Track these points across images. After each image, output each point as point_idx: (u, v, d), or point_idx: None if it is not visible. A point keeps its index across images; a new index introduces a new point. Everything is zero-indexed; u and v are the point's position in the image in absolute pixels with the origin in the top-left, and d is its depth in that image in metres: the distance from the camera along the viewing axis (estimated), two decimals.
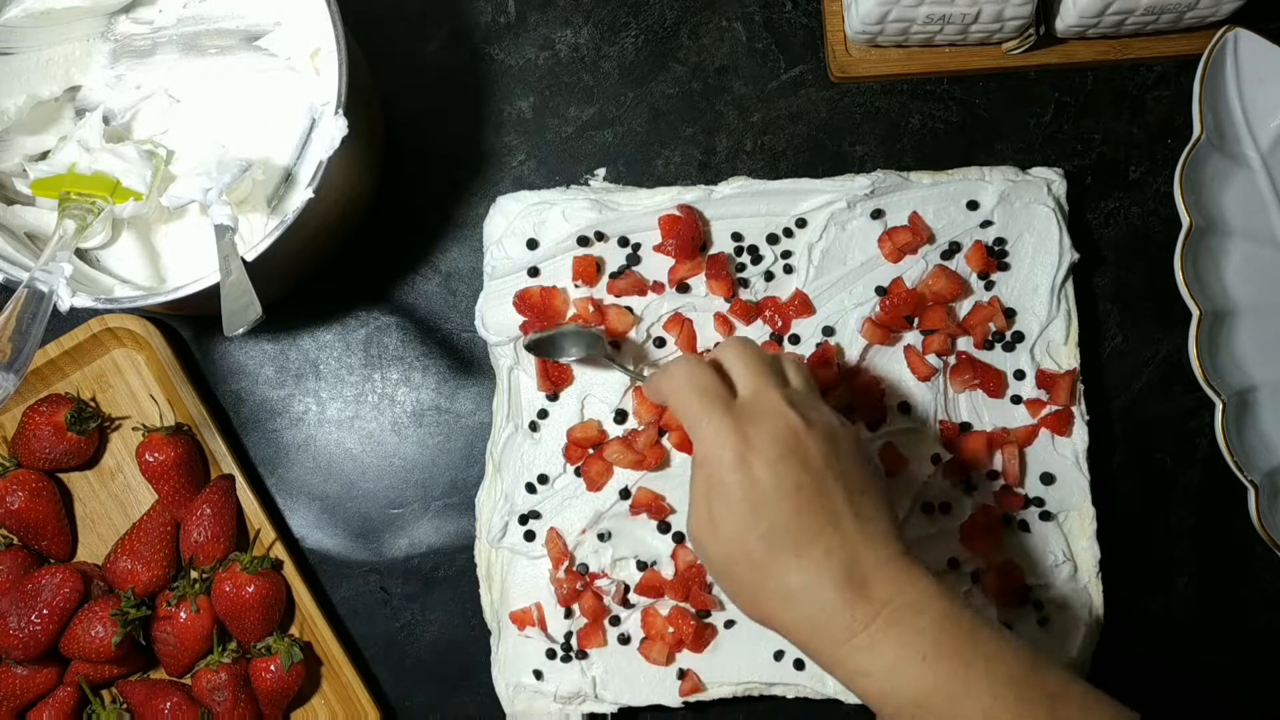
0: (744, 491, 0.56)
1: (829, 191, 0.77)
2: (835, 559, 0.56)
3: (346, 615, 0.81)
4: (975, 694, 0.53)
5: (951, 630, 0.55)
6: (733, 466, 0.56)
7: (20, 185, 0.75)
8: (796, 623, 0.57)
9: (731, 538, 0.57)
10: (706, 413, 0.58)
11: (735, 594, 0.59)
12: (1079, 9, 0.76)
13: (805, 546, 0.56)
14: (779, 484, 0.56)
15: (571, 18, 0.84)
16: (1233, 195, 0.79)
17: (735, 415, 0.58)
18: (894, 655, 0.54)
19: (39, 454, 0.78)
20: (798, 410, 0.58)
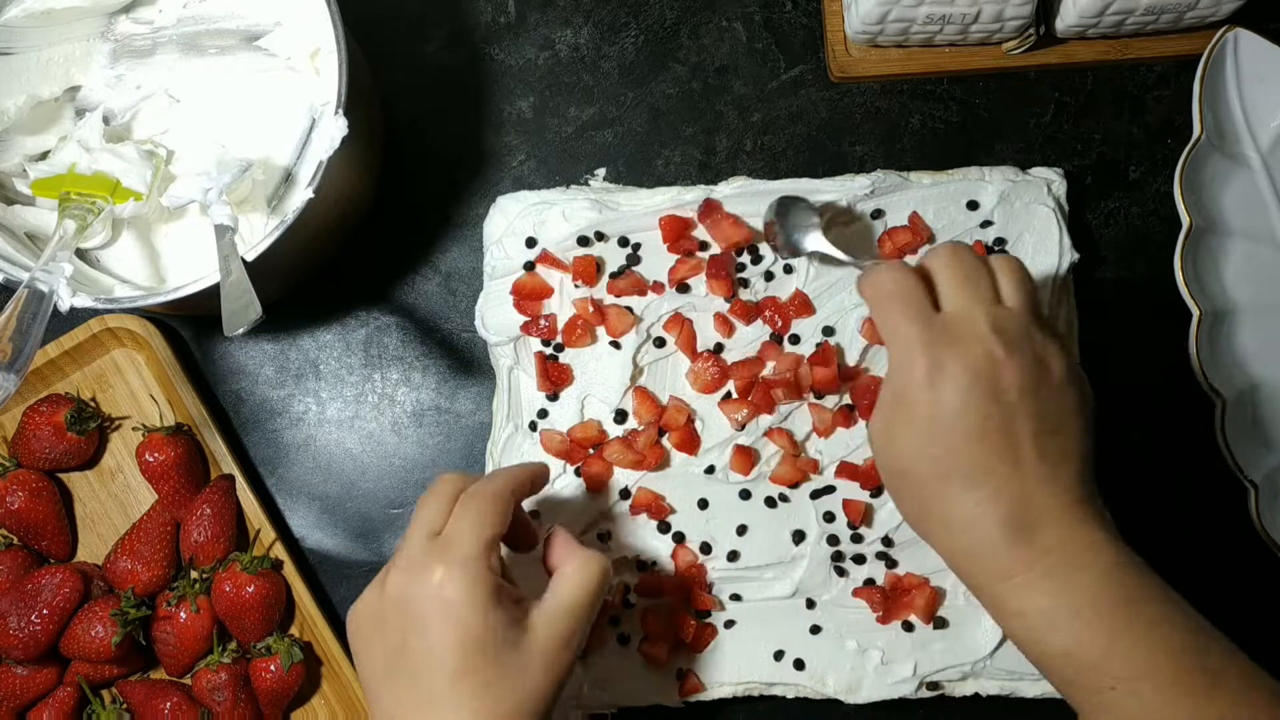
0: (926, 411, 0.55)
1: (829, 191, 0.77)
2: (1004, 497, 0.54)
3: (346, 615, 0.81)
4: (1129, 658, 0.52)
5: (1115, 588, 0.53)
6: (921, 384, 0.55)
7: (20, 185, 0.75)
8: (953, 552, 0.56)
9: (904, 453, 0.56)
10: (905, 323, 0.56)
11: (900, 507, 0.58)
12: (1079, 9, 0.76)
13: (976, 479, 0.54)
14: (963, 411, 0.54)
15: (571, 18, 0.84)
16: (1233, 195, 0.79)
17: (934, 331, 0.56)
18: (1049, 604, 0.53)
19: (39, 454, 0.78)
20: (1001, 336, 0.55)
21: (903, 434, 0.56)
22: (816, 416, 0.75)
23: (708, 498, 0.75)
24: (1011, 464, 0.55)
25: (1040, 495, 0.55)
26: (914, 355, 0.55)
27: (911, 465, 0.56)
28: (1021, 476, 0.55)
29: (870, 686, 0.73)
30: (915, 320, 0.56)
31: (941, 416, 0.55)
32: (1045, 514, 0.55)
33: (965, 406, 0.55)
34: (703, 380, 0.76)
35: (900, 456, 0.57)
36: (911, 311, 0.57)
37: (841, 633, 0.74)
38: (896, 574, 0.74)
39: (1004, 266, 0.59)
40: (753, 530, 0.75)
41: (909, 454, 0.56)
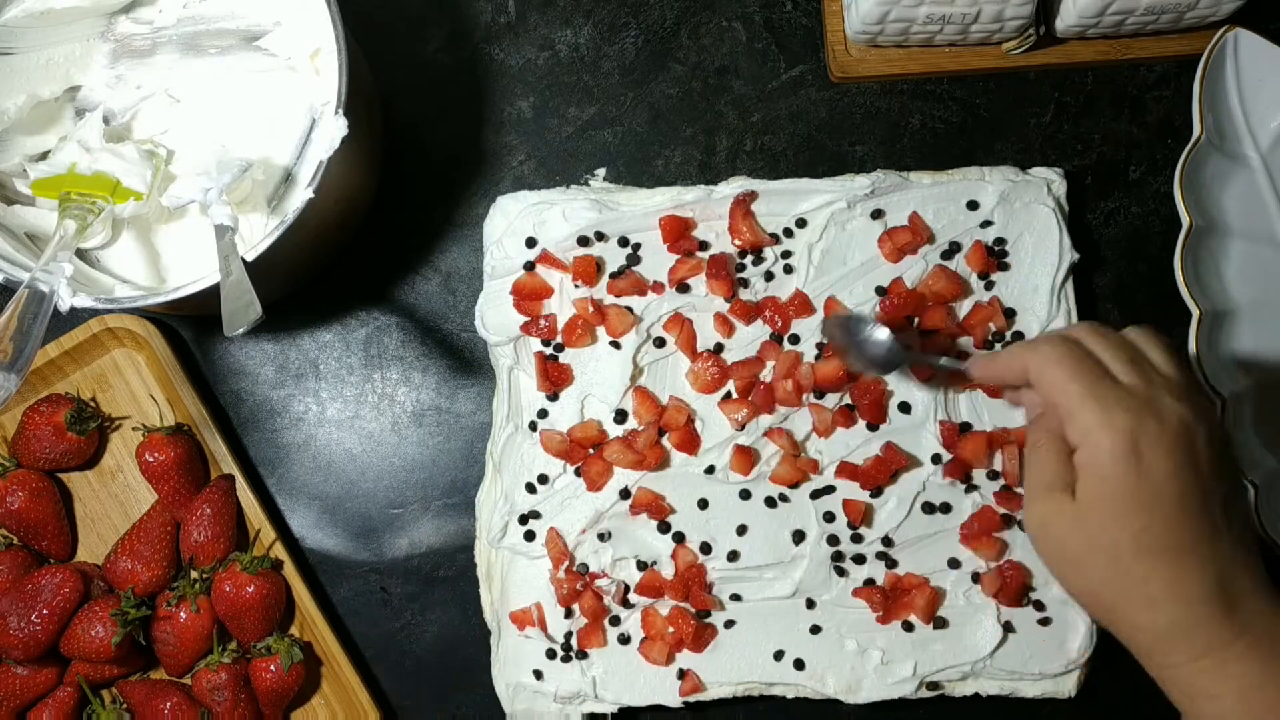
0: (1129, 484, 0.53)
1: (829, 191, 0.77)
2: (1209, 573, 0.53)
3: (346, 615, 0.81)
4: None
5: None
6: (1122, 456, 0.53)
7: (20, 185, 0.75)
8: (1147, 628, 0.54)
9: (1097, 530, 0.54)
10: (1093, 391, 0.54)
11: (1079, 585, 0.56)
12: (1079, 9, 0.76)
13: (1180, 554, 0.53)
14: (1169, 484, 0.53)
15: (571, 18, 0.84)
16: (1233, 195, 0.79)
17: (1126, 400, 0.54)
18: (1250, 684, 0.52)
19: (39, 454, 0.78)
20: (1188, 403, 0.54)
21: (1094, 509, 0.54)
22: (816, 416, 0.75)
23: (708, 498, 0.75)
24: (1211, 539, 0.53)
25: (1240, 571, 0.54)
26: (1114, 421, 0.53)
27: (1106, 540, 0.54)
28: (1220, 550, 0.53)
29: (870, 686, 0.73)
30: (1104, 386, 0.54)
31: (1145, 488, 0.53)
32: (1248, 590, 0.53)
33: (1171, 479, 0.53)
34: (703, 380, 0.76)
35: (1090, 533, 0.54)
36: (1096, 378, 0.55)
37: (841, 633, 0.74)
38: (896, 574, 0.74)
39: (1148, 339, 0.59)
40: (753, 530, 0.75)
41: (1103, 529, 0.54)
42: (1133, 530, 0.53)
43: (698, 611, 0.74)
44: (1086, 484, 0.54)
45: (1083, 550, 0.55)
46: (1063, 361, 0.56)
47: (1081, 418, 0.54)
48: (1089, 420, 0.54)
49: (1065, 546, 0.56)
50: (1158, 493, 0.53)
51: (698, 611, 0.74)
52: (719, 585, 0.75)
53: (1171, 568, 0.53)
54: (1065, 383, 0.55)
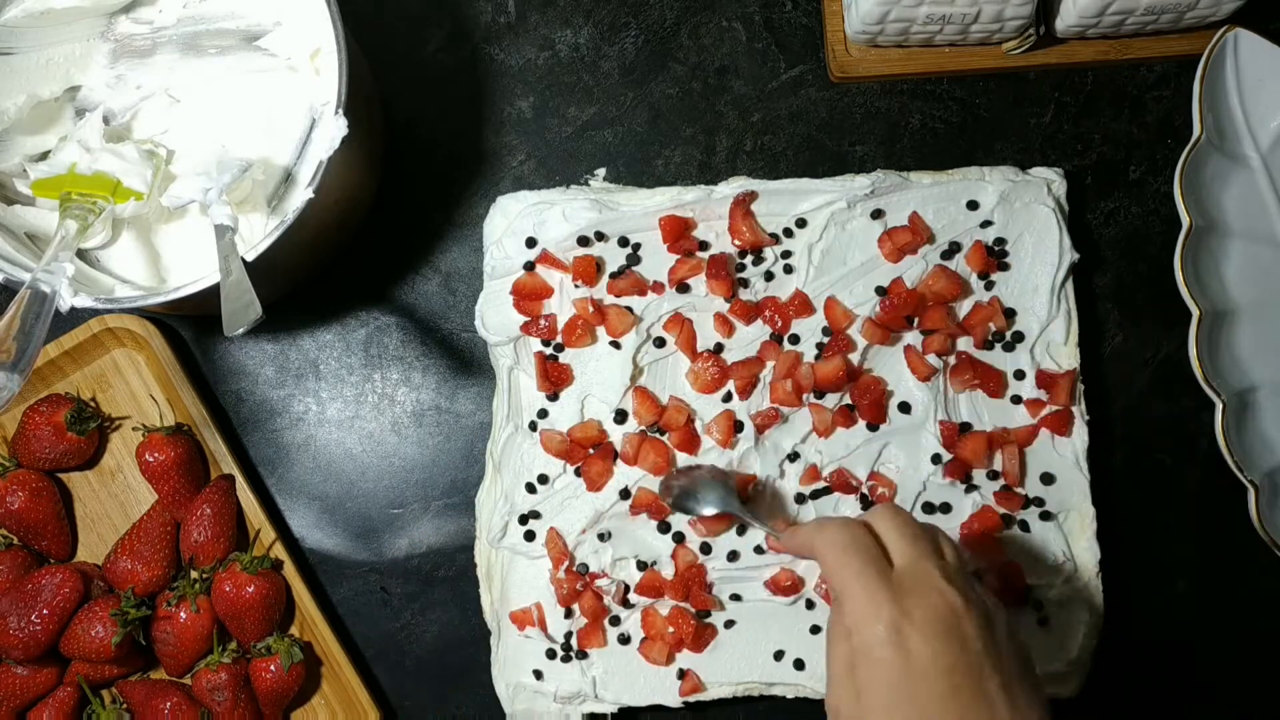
0: (897, 668, 0.54)
1: (829, 191, 0.77)
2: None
3: (346, 615, 0.81)
4: None
5: None
6: (885, 640, 0.54)
7: (21, 185, 0.75)
8: None
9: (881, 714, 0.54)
10: (862, 576, 0.56)
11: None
12: (1079, 9, 0.76)
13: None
14: (934, 664, 0.53)
15: (571, 18, 0.84)
16: (1233, 195, 0.79)
17: (892, 585, 0.55)
18: None
19: (39, 454, 0.78)
20: (957, 588, 0.56)
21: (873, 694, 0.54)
22: (816, 416, 0.75)
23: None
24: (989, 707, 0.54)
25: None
26: (876, 608, 0.55)
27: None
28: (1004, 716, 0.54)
29: None
30: (872, 571, 0.56)
31: (912, 671, 0.54)
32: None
33: (935, 658, 0.54)
34: (703, 380, 0.76)
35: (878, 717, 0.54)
36: (870, 564, 0.56)
37: None
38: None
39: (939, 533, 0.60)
40: (753, 530, 0.75)
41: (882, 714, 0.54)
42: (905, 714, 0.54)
43: (698, 611, 0.74)
44: (860, 671, 0.55)
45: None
46: (842, 547, 0.57)
47: (850, 606, 0.56)
48: (856, 606, 0.55)
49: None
50: (923, 675, 0.53)
51: (698, 611, 0.74)
52: (719, 585, 0.75)
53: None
54: (841, 567, 0.57)
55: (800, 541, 0.62)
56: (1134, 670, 0.78)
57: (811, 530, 0.61)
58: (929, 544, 0.58)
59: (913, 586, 0.56)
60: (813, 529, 0.61)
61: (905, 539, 0.58)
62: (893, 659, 0.54)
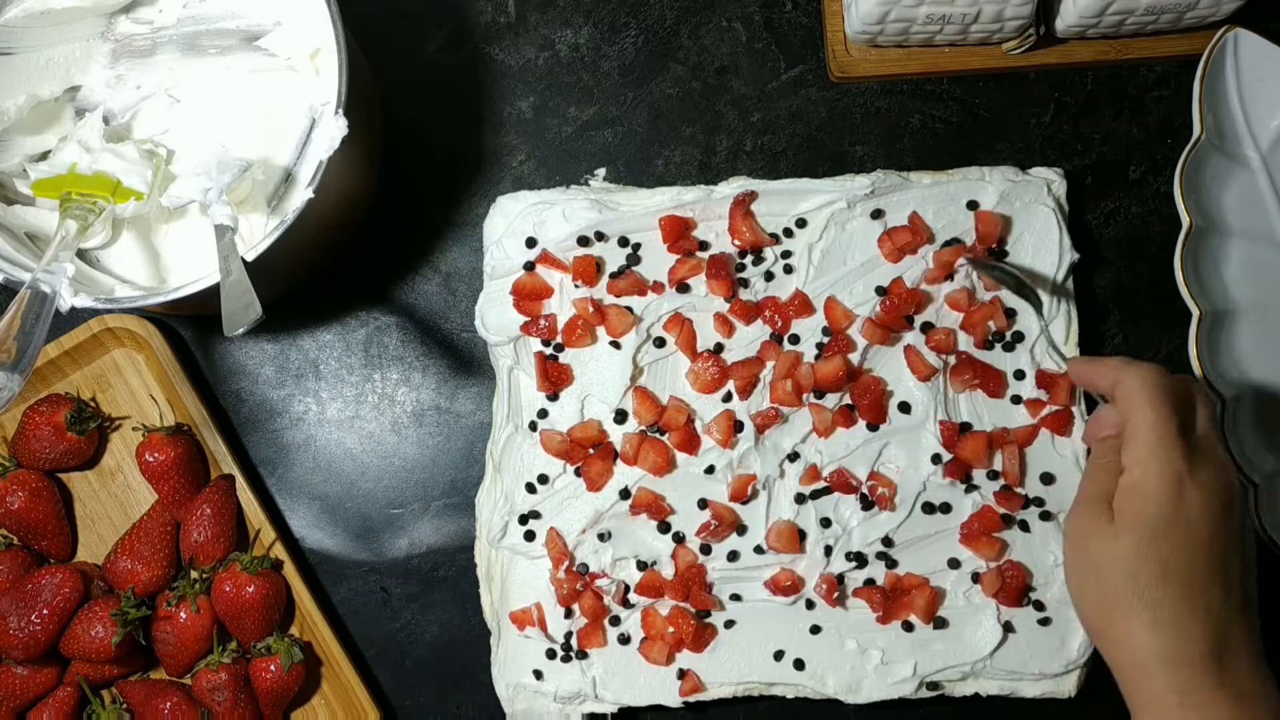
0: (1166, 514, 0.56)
1: (829, 191, 0.77)
2: (1213, 617, 0.56)
3: (346, 615, 0.81)
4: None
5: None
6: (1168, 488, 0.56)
7: (21, 185, 0.75)
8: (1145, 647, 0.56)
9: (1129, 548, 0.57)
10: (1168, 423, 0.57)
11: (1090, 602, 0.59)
12: (1079, 9, 0.76)
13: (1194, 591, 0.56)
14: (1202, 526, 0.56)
15: (571, 18, 0.84)
16: (1233, 195, 0.79)
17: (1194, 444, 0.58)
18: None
19: (39, 454, 0.78)
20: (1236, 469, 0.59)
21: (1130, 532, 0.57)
22: (816, 417, 0.75)
23: (708, 498, 0.75)
24: (1224, 590, 0.57)
25: (1238, 625, 0.57)
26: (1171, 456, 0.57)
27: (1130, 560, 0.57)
28: (1229, 603, 0.57)
29: (870, 686, 0.73)
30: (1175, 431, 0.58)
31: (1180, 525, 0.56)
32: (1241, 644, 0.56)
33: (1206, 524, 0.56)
34: (703, 380, 0.76)
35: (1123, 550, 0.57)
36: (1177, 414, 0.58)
37: (841, 633, 0.74)
38: (896, 574, 0.74)
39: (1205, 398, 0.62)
40: (753, 530, 0.75)
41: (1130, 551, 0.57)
42: (1159, 556, 0.56)
43: (698, 611, 0.74)
44: (1127, 505, 0.57)
45: (1108, 563, 0.58)
46: (1155, 390, 0.59)
47: (1142, 444, 0.58)
48: (1148, 449, 0.57)
49: (1094, 558, 0.59)
50: (1190, 530, 0.56)
51: (698, 611, 0.74)
52: (719, 585, 0.75)
53: (1183, 601, 0.56)
54: (1150, 407, 0.58)
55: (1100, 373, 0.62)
56: None
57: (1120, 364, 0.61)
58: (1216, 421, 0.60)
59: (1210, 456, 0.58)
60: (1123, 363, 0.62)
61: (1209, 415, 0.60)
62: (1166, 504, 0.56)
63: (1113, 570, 0.58)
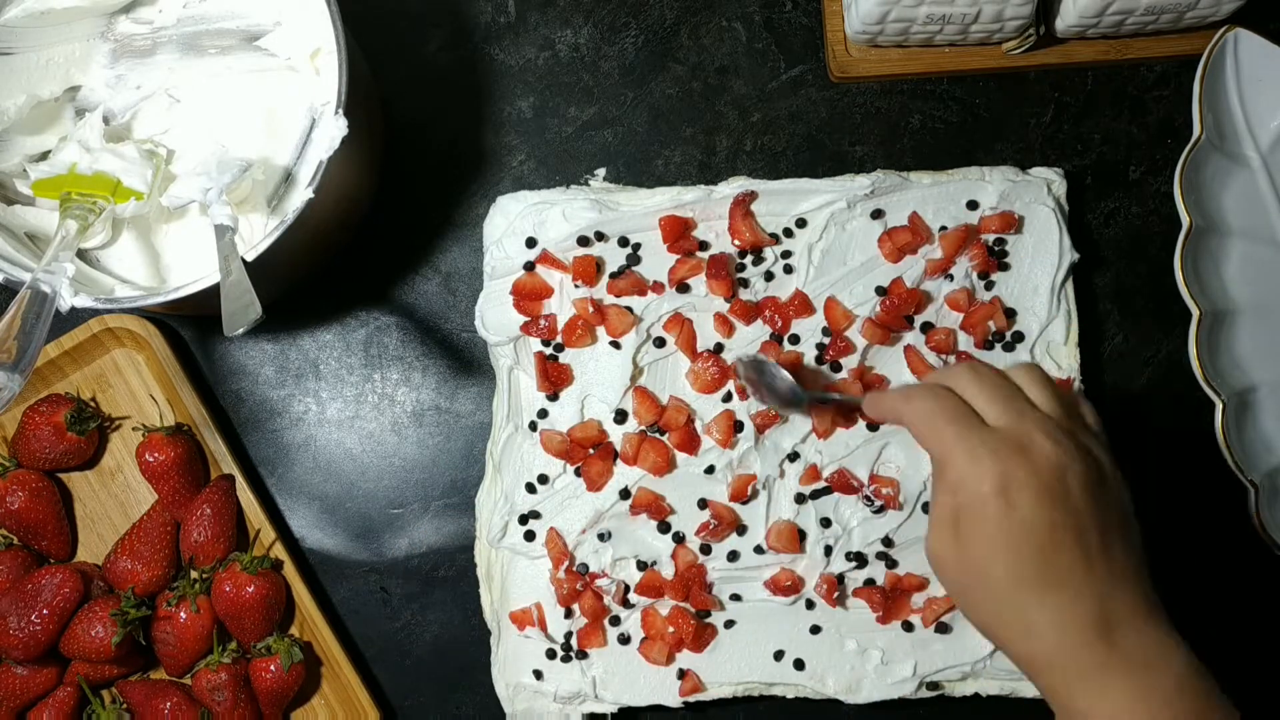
0: (999, 524, 0.55)
1: (829, 191, 0.77)
2: (1083, 603, 0.55)
3: (346, 615, 0.81)
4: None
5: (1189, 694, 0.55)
6: (991, 498, 0.55)
7: (21, 185, 0.75)
8: (1029, 656, 0.56)
9: (977, 566, 0.56)
10: (962, 439, 0.56)
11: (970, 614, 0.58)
12: (1079, 9, 0.76)
13: (1053, 586, 0.55)
14: (1037, 521, 0.55)
15: (571, 18, 0.84)
16: (1233, 195, 0.79)
17: (995, 442, 0.56)
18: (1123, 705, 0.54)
19: (39, 454, 0.78)
20: (1056, 441, 0.56)
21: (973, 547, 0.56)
22: (816, 418, 0.75)
23: (708, 498, 0.75)
24: (1085, 570, 0.55)
25: (1116, 597, 0.56)
26: (981, 468, 0.55)
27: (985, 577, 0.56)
28: (1095, 580, 0.55)
29: (870, 686, 0.73)
30: (973, 433, 0.56)
31: (1015, 527, 0.55)
32: (1123, 617, 0.55)
33: (1039, 515, 0.55)
34: (703, 380, 0.76)
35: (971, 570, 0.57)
36: (966, 425, 0.57)
37: (841, 633, 0.74)
38: (896, 574, 0.74)
39: (1029, 377, 0.60)
40: (753, 530, 0.75)
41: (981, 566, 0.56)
42: (1005, 565, 0.55)
43: (698, 611, 0.74)
44: (963, 524, 0.56)
45: (967, 584, 0.57)
46: (933, 414, 0.58)
47: (952, 469, 0.56)
48: (959, 471, 0.56)
49: (953, 580, 0.58)
50: (1027, 531, 0.55)
51: (698, 611, 0.74)
52: (719, 585, 0.75)
53: (1046, 600, 0.55)
54: (936, 435, 0.57)
55: (887, 409, 0.62)
56: None
57: (897, 400, 0.60)
58: (1018, 399, 0.58)
59: (1016, 445, 0.56)
60: (898, 399, 0.60)
61: (996, 400, 0.58)
62: (997, 515, 0.55)
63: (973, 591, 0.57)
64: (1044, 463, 0.55)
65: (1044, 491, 0.55)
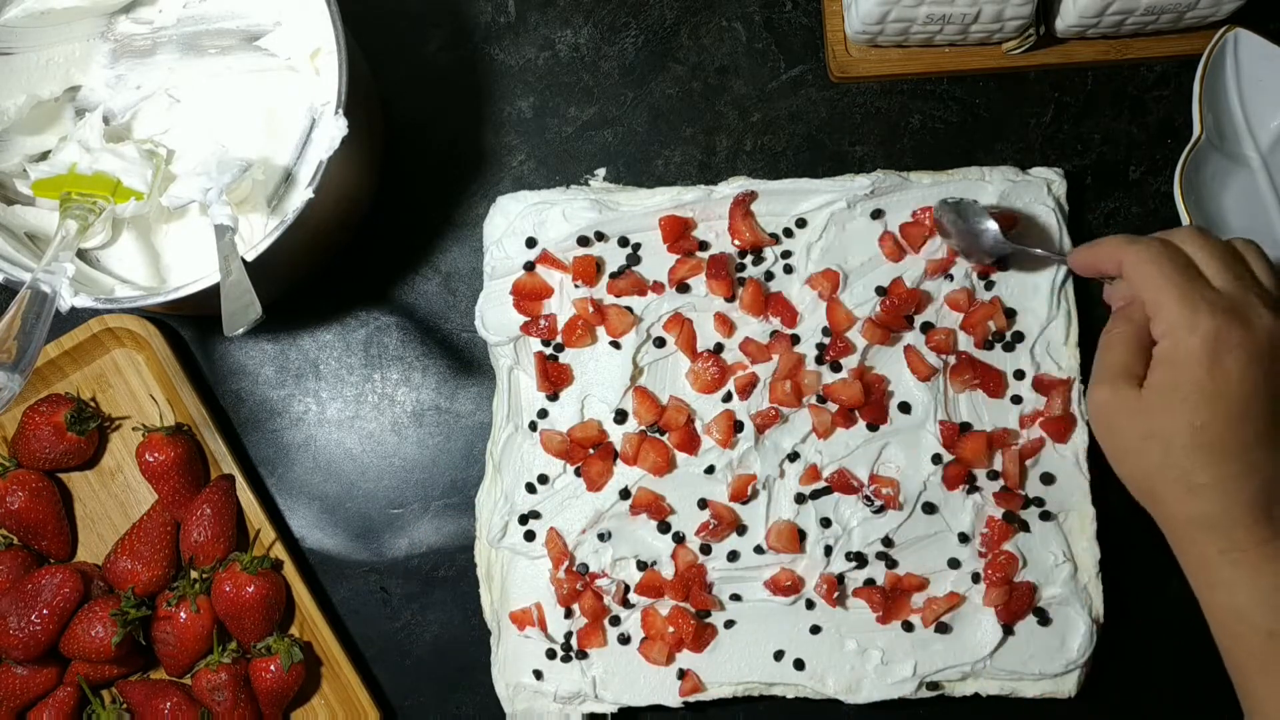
0: (1199, 380, 0.55)
1: (829, 191, 0.77)
2: (1256, 476, 0.55)
3: (346, 615, 0.81)
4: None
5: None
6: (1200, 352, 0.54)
7: (21, 186, 0.75)
8: (1186, 516, 0.56)
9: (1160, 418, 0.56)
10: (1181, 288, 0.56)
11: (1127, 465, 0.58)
12: (1079, 9, 0.76)
13: (1232, 454, 0.55)
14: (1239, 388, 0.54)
15: (571, 18, 0.84)
16: (1233, 195, 0.79)
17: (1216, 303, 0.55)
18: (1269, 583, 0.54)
19: (39, 454, 0.78)
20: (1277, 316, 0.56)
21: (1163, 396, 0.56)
22: (816, 417, 0.75)
23: (708, 498, 0.75)
24: (1266, 446, 0.55)
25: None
26: (1198, 322, 0.55)
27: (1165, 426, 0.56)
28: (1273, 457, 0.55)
29: (870, 686, 0.73)
30: (1196, 288, 0.56)
31: (1216, 386, 0.55)
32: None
33: (1242, 382, 0.55)
34: (703, 380, 0.76)
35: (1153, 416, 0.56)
36: (1190, 279, 0.56)
37: (841, 633, 0.74)
38: (896, 574, 0.74)
39: (1252, 250, 0.60)
40: (753, 530, 0.75)
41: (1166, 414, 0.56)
42: (1192, 424, 0.55)
43: (698, 611, 0.74)
44: (1158, 374, 0.56)
45: (1139, 437, 0.57)
46: (1158, 260, 0.57)
47: (1167, 314, 0.56)
48: (1174, 318, 0.56)
49: (1122, 433, 0.58)
50: (1225, 394, 0.55)
51: (698, 611, 0.74)
52: (719, 585, 0.75)
53: (1221, 465, 0.55)
54: (1158, 280, 0.57)
55: (1103, 255, 0.61)
56: (1134, 670, 0.78)
57: (1118, 243, 0.60)
58: (1245, 271, 0.58)
59: (1233, 309, 0.56)
60: (1120, 242, 0.60)
61: (1223, 262, 0.58)
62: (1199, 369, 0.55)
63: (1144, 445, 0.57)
64: (1261, 333, 0.55)
65: (1254, 361, 0.55)
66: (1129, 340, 0.59)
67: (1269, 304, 0.57)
